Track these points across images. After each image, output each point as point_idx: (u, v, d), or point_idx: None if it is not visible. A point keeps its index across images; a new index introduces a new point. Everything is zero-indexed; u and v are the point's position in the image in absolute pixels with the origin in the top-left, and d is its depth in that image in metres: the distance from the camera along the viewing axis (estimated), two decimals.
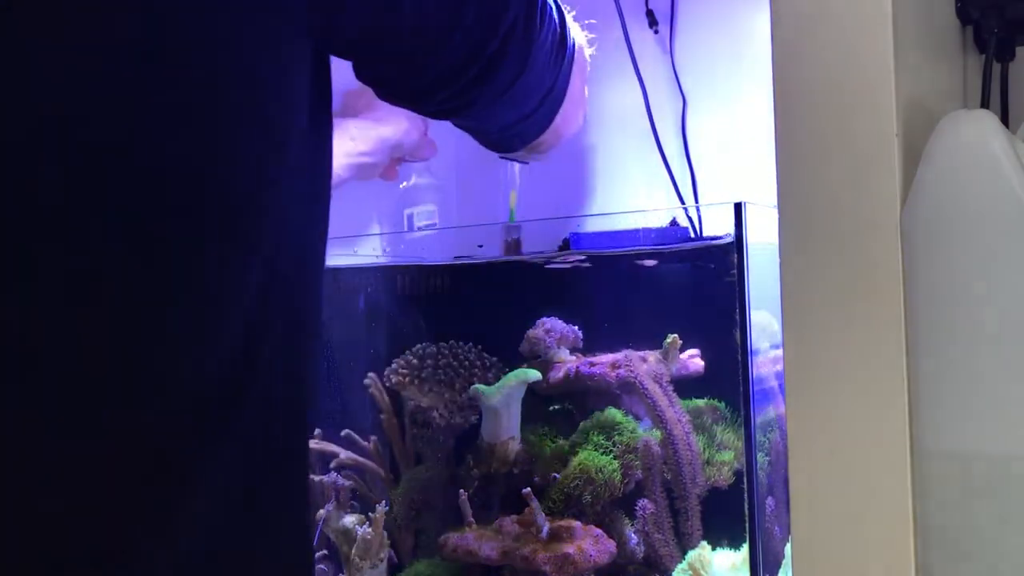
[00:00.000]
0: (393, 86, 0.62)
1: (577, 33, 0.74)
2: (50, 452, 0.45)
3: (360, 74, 0.61)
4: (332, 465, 1.12)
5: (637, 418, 1.02)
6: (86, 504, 0.46)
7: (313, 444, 1.12)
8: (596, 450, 0.99)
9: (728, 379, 0.88)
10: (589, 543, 0.94)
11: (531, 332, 1.07)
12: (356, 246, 1.19)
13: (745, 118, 1.05)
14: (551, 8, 0.66)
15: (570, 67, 0.71)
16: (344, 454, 1.12)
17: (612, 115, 1.18)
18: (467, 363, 1.09)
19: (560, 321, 1.07)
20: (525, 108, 0.69)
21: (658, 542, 0.94)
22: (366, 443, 1.12)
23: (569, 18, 0.73)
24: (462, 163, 1.30)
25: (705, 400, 1.01)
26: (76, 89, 0.44)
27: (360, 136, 0.93)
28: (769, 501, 0.90)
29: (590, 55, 0.78)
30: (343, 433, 1.13)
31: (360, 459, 1.12)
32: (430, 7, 0.57)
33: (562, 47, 0.68)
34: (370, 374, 1.11)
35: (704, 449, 0.96)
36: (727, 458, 0.97)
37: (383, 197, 1.22)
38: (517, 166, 1.13)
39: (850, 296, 0.63)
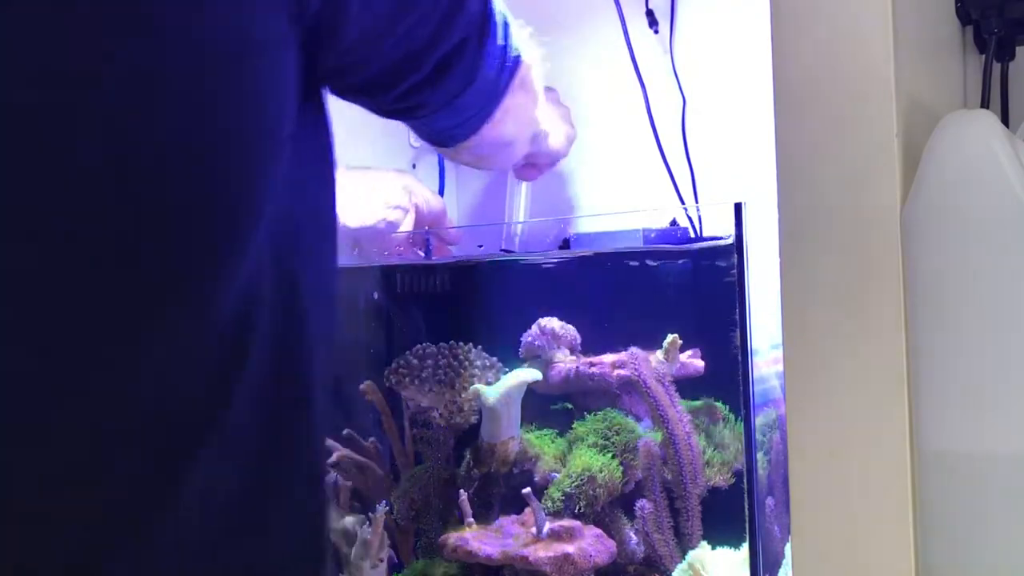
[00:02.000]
0: (347, 77, 0.62)
1: (527, 50, 0.77)
2: (30, 447, 0.45)
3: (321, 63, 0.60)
4: (329, 462, 1.12)
5: (637, 418, 1.02)
6: (66, 507, 0.45)
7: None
8: (596, 450, 0.99)
9: (728, 379, 0.88)
10: (589, 543, 0.94)
11: (530, 332, 1.07)
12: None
13: (745, 118, 1.05)
14: (501, 21, 0.68)
15: (510, 79, 0.72)
16: (338, 452, 1.12)
17: (612, 115, 1.18)
18: (467, 363, 1.09)
19: (559, 321, 1.07)
20: (463, 116, 0.72)
21: (658, 542, 0.94)
22: (366, 442, 1.12)
23: (521, 33, 0.75)
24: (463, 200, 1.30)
25: (705, 400, 1.01)
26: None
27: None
28: (769, 501, 0.90)
29: (543, 70, 0.80)
30: (344, 432, 1.13)
31: (359, 458, 1.12)
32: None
33: (504, 61, 0.70)
34: (367, 382, 1.10)
35: (704, 449, 0.96)
36: (727, 458, 0.97)
37: None
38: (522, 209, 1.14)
39: (850, 296, 0.63)
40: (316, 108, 0.60)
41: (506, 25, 0.70)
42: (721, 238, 0.88)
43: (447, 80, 0.64)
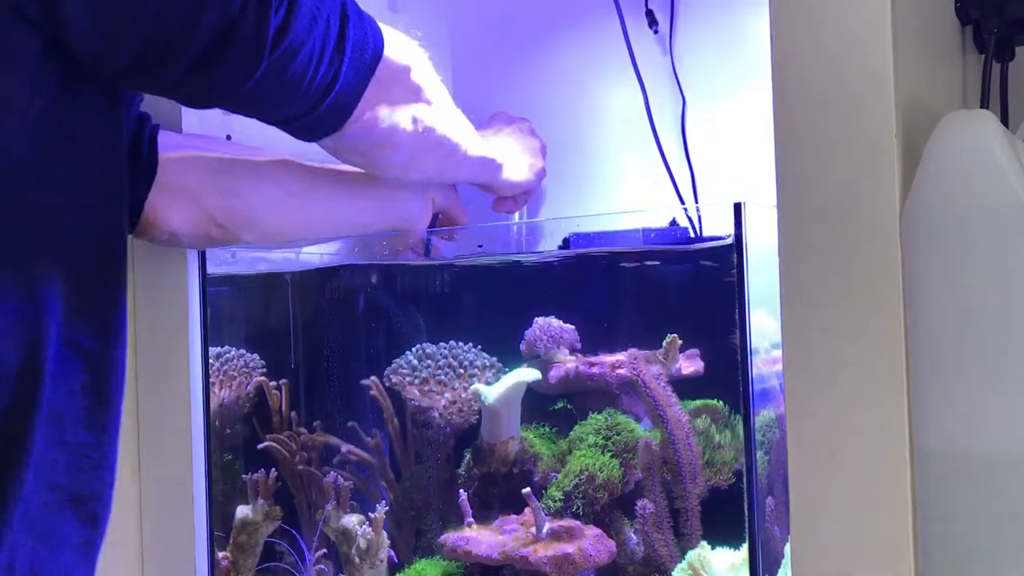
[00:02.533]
0: (105, 63, 0.63)
1: (404, 50, 0.78)
2: None
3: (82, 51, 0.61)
4: (335, 461, 1.12)
5: (637, 418, 1.02)
6: None
7: (318, 436, 1.13)
8: (596, 450, 0.99)
9: (728, 379, 0.88)
10: (589, 543, 0.94)
11: (530, 332, 1.07)
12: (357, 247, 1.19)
13: (745, 118, 1.05)
14: (313, 11, 0.67)
15: (360, 76, 0.73)
16: (346, 447, 1.12)
17: (612, 115, 1.18)
18: (467, 363, 1.09)
19: (559, 321, 1.07)
20: (295, 107, 0.72)
21: (658, 542, 0.94)
22: (369, 438, 1.13)
23: (394, 33, 0.77)
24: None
25: (705, 400, 1.01)
26: None
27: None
28: (769, 501, 0.90)
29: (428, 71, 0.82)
30: (348, 425, 1.13)
31: (363, 454, 1.12)
32: None
33: (338, 52, 0.70)
34: (371, 378, 1.11)
35: (704, 450, 0.96)
36: (727, 458, 0.97)
37: None
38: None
39: (850, 296, 0.63)
40: (91, 111, 0.62)
41: (347, 18, 0.71)
42: (721, 238, 0.88)
43: (222, 66, 0.64)
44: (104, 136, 0.65)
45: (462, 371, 1.09)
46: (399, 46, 0.77)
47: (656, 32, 1.15)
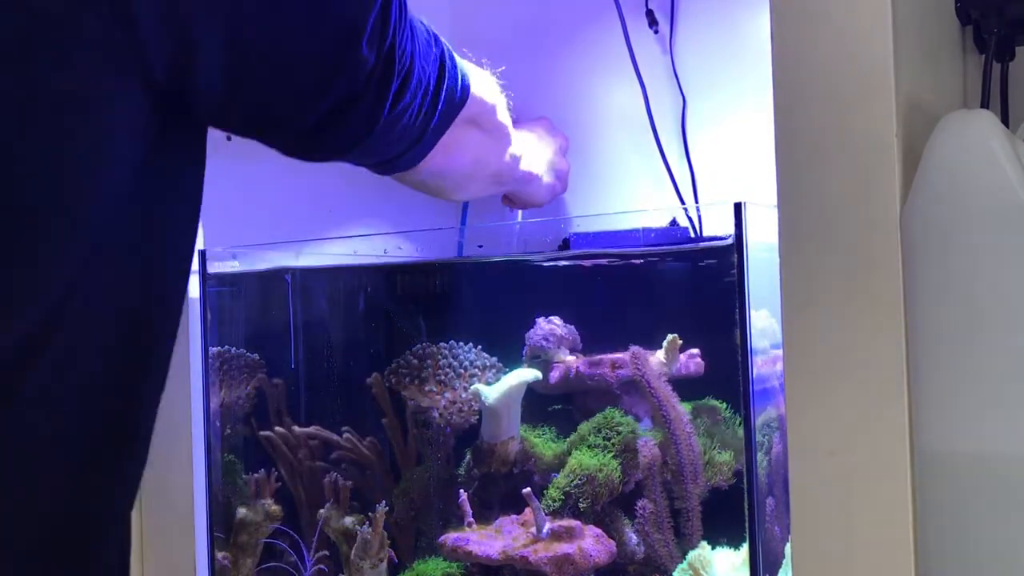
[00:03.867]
0: (222, 123, 0.62)
1: (489, 91, 0.81)
2: None
3: (203, 111, 0.60)
4: (333, 456, 1.12)
5: (637, 418, 1.02)
6: None
7: (313, 430, 1.13)
8: (596, 450, 0.99)
9: (728, 379, 0.88)
10: (589, 543, 0.94)
11: (531, 332, 1.07)
12: (357, 247, 1.19)
13: (745, 118, 1.05)
14: (428, 63, 0.69)
15: (453, 112, 0.75)
16: (339, 452, 1.12)
17: (612, 115, 1.18)
18: (467, 363, 1.09)
19: (559, 321, 1.07)
20: (386, 155, 0.73)
21: (658, 542, 0.94)
22: (364, 441, 1.13)
23: (481, 74, 0.79)
24: None
25: (705, 400, 1.01)
26: None
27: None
28: (769, 501, 0.90)
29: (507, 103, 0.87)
30: (343, 431, 1.13)
31: (363, 451, 1.12)
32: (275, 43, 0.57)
33: (433, 105, 0.72)
34: (374, 375, 1.11)
35: (704, 450, 0.96)
36: (727, 458, 0.97)
37: None
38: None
39: (850, 296, 0.63)
40: (187, 149, 0.60)
41: (444, 69, 0.72)
42: (721, 238, 0.88)
43: (341, 128, 0.64)
44: (194, 176, 0.62)
45: (462, 371, 1.08)
46: (483, 87, 0.81)
47: (656, 32, 1.15)
